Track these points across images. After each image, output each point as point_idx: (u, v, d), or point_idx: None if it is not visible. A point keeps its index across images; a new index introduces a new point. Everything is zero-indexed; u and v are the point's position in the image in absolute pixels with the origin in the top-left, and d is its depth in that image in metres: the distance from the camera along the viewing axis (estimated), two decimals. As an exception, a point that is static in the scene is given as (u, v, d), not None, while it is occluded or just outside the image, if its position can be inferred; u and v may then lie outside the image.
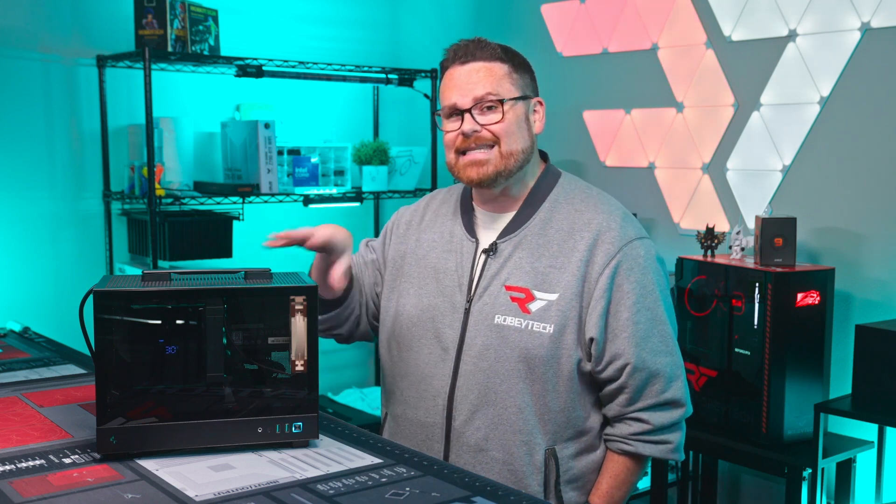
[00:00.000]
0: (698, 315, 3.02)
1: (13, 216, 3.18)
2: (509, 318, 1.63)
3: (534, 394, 1.63)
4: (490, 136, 1.65)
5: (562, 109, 3.87)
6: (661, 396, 1.64)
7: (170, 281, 1.44)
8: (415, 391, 1.72)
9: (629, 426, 1.66)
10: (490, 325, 1.64)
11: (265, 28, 3.72)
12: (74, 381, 1.90)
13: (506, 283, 1.66)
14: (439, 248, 1.76)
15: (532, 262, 1.65)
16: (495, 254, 1.69)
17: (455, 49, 1.69)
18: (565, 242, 1.66)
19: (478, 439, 1.65)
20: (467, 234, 1.74)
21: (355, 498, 1.26)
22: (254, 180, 3.33)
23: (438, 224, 1.80)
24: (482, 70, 1.66)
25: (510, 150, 1.66)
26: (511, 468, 1.64)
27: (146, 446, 1.40)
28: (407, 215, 1.87)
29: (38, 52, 3.20)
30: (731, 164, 3.38)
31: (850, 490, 2.89)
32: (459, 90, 1.66)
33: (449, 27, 4.26)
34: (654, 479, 3.18)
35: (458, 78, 1.67)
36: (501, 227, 1.72)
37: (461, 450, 1.66)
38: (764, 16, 3.24)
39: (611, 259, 1.63)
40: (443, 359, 1.68)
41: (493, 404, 1.64)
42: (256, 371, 1.46)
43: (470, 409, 1.65)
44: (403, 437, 1.74)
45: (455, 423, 1.66)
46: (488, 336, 1.64)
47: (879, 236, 2.97)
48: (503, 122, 1.65)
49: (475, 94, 1.64)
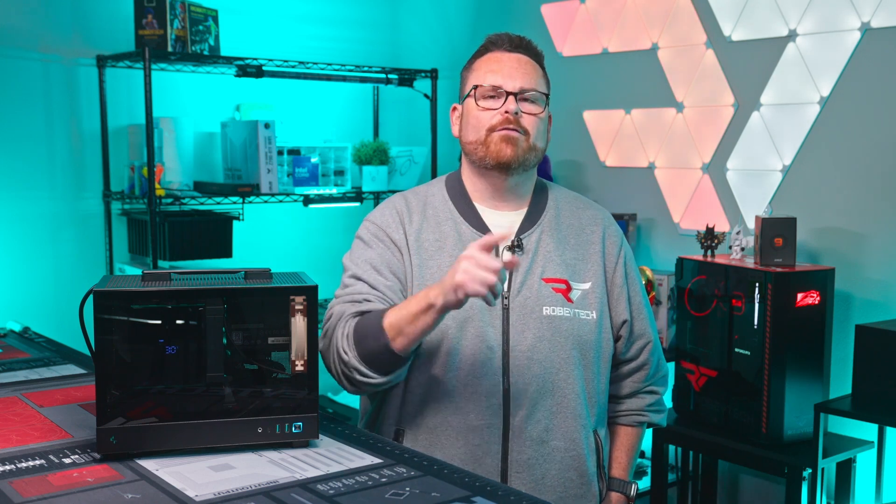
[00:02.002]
0: (698, 315, 3.02)
1: (13, 216, 3.18)
2: (557, 309, 1.67)
3: (586, 379, 1.71)
4: (525, 124, 1.67)
5: (562, 109, 3.87)
6: (663, 370, 1.84)
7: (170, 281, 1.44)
8: (459, 396, 1.65)
9: (643, 399, 1.81)
10: (539, 317, 1.66)
11: (265, 28, 3.72)
12: (74, 381, 1.90)
13: (543, 275, 1.69)
14: (448, 247, 1.69)
15: (560, 255, 1.72)
16: (521, 249, 1.70)
17: (501, 36, 1.72)
18: (580, 236, 1.76)
19: (539, 431, 1.66)
20: (480, 232, 1.70)
21: (355, 498, 1.26)
22: (254, 180, 3.33)
23: (434, 225, 1.72)
24: (529, 64, 1.71)
25: (535, 144, 1.69)
26: (574, 454, 1.69)
27: (146, 446, 1.40)
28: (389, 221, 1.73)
29: (38, 52, 3.20)
30: (731, 164, 3.38)
31: (850, 490, 2.89)
32: (507, 74, 1.67)
33: (449, 27, 4.26)
34: (654, 479, 3.18)
35: (506, 62, 1.69)
36: (515, 224, 1.72)
37: (523, 445, 1.65)
38: (764, 16, 3.24)
39: (619, 250, 1.78)
40: (489, 357, 1.65)
41: (552, 394, 1.67)
42: (256, 371, 1.46)
43: (530, 403, 1.65)
44: (444, 448, 1.65)
45: (514, 420, 1.65)
46: (539, 328, 1.66)
47: (879, 236, 2.97)
48: (540, 116, 1.69)
49: (524, 83, 1.67)
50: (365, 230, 1.74)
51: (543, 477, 1.66)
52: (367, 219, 1.77)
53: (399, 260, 1.69)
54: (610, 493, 1.78)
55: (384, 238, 1.71)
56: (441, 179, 1.82)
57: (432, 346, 1.65)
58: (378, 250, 1.70)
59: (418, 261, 1.69)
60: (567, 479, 1.68)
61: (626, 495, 1.78)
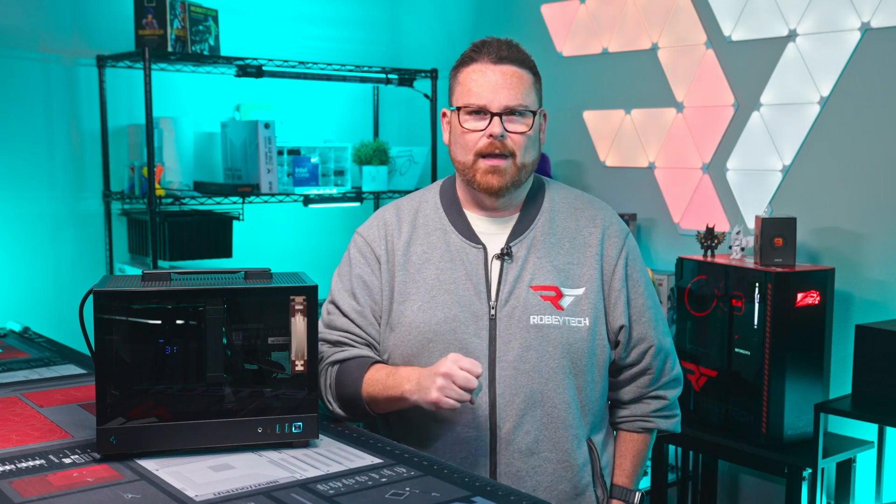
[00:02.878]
0: (698, 315, 3.02)
1: (13, 216, 3.18)
2: (546, 317, 1.64)
3: (577, 388, 1.67)
4: (511, 146, 1.63)
5: (562, 109, 3.87)
6: (672, 373, 1.77)
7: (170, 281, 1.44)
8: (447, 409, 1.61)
9: (648, 404, 1.76)
10: (526, 326, 1.63)
11: (265, 28, 3.72)
12: (74, 381, 1.90)
13: (531, 283, 1.65)
14: (435, 259, 1.69)
15: (551, 261, 1.68)
16: (511, 258, 1.67)
17: (487, 44, 1.65)
18: (575, 239, 1.71)
19: (528, 443, 1.63)
20: (469, 242, 1.69)
21: (355, 498, 1.26)
22: (254, 180, 3.33)
23: (423, 236, 1.71)
24: (514, 76, 1.63)
25: (524, 163, 1.65)
26: (565, 465, 1.66)
27: (146, 446, 1.40)
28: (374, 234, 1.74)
29: (38, 52, 3.20)
30: (731, 164, 3.38)
31: (850, 490, 2.89)
32: (491, 92, 1.62)
33: (449, 27, 4.26)
34: (654, 479, 3.18)
35: (490, 77, 1.63)
36: (505, 232, 1.70)
37: (511, 457, 1.63)
38: (764, 16, 3.24)
39: (620, 251, 1.72)
40: None
41: (541, 405, 1.64)
42: (256, 371, 1.46)
43: (517, 414, 1.62)
44: None
45: (501, 432, 1.63)
46: (526, 338, 1.63)
47: (879, 236, 2.97)
48: (528, 133, 1.64)
49: (508, 102, 1.62)
50: (353, 245, 1.77)
51: (534, 489, 1.63)
52: (357, 230, 1.79)
53: (377, 277, 1.71)
54: (613, 501, 1.75)
55: (368, 254, 1.73)
56: (437, 185, 1.81)
57: (417, 356, 1.65)
58: (358, 269, 1.73)
59: (403, 276, 1.69)
60: (560, 491, 1.65)
61: (630, 503, 1.75)
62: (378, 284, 1.71)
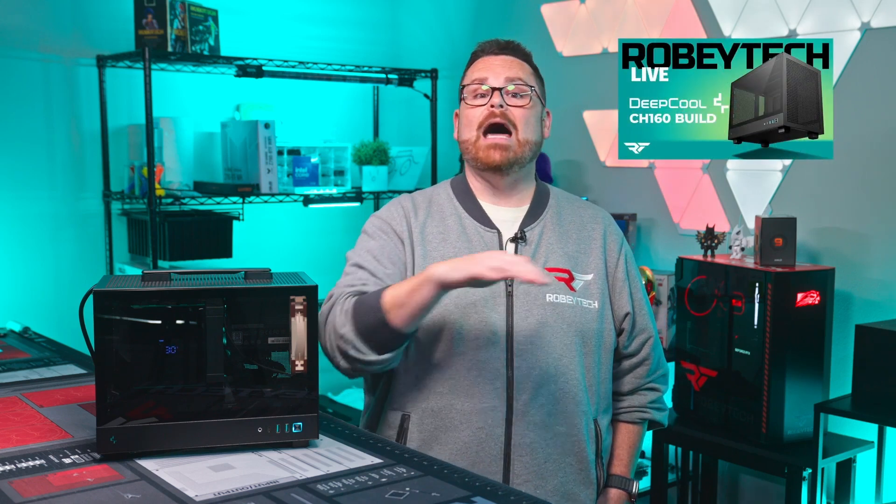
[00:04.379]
0: (698, 315, 3.02)
1: (13, 216, 3.18)
2: (560, 296, 1.71)
3: (586, 367, 1.73)
4: (511, 117, 1.72)
5: (562, 109, 3.86)
6: (663, 368, 1.86)
7: (170, 281, 1.44)
8: (465, 379, 1.68)
9: (645, 396, 1.83)
10: (542, 303, 1.70)
11: (265, 28, 3.72)
12: (74, 381, 1.90)
13: (545, 265, 1.73)
14: (452, 239, 1.74)
15: (562, 247, 1.77)
16: (525, 241, 1.75)
17: (490, 42, 1.80)
18: (581, 231, 1.81)
19: (542, 415, 1.68)
20: (483, 227, 1.76)
21: (355, 498, 1.26)
22: (254, 180, 3.33)
23: (437, 220, 1.77)
24: (514, 63, 1.77)
25: (526, 139, 1.74)
26: (575, 439, 1.71)
27: (146, 446, 1.40)
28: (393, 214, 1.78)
29: (38, 52, 3.20)
30: (731, 164, 3.38)
31: (850, 490, 2.89)
32: (493, 71, 1.74)
33: (449, 27, 4.26)
34: (654, 479, 3.18)
35: (493, 62, 1.76)
36: (517, 219, 1.78)
37: (526, 428, 1.68)
38: (764, 16, 3.24)
39: (620, 248, 1.83)
40: (493, 342, 1.68)
41: (554, 380, 1.69)
42: (256, 371, 1.46)
43: (533, 387, 1.68)
44: (449, 431, 1.68)
45: (517, 404, 1.67)
46: (542, 314, 1.69)
47: (879, 236, 2.97)
48: (528, 108, 1.73)
49: (507, 74, 1.74)
50: (370, 224, 1.81)
51: (546, 461, 1.69)
52: (373, 215, 1.83)
53: (401, 250, 1.75)
54: (611, 490, 1.79)
55: (388, 230, 1.77)
56: (446, 182, 1.90)
57: (436, 330, 1.69)
58: (380, 241, 1.75)
59: (422, 251, 1.74)
60: (567, 463, 1.71)
61: (628, 492, 1.80)
62: (400, 255, 1.74)
